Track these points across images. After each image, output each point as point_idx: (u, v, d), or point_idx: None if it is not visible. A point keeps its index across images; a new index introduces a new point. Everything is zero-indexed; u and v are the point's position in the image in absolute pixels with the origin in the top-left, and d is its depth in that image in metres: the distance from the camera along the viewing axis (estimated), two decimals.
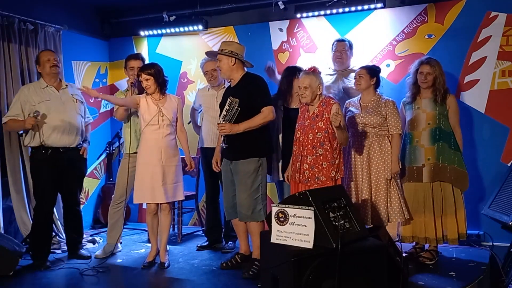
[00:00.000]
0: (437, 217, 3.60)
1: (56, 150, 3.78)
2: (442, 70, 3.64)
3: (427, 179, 3.60)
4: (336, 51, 4.23)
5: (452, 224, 3.59)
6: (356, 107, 3.72)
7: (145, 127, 3.68)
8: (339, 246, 2.62)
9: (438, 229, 3.61)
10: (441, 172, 3.58)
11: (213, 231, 4.32)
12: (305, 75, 3.40)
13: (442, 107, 3.62)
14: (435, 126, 3.60)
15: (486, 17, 4.24)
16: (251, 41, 4.94)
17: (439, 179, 3.59)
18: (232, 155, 3.52)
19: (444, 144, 3.59)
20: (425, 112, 3.64)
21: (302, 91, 3.38)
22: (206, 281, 3.40)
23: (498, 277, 3.57)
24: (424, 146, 3.62)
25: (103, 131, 5.50)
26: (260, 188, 3.49)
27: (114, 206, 4.06)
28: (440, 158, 3.58)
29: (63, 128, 3.80)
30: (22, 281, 3.47)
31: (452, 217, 3.59)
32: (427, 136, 3.61)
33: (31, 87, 3.85)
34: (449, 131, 3.62)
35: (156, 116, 3.67)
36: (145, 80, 3.67)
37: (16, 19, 4.28)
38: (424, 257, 3.64)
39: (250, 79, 3.52)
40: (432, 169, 3.58)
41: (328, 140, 3.32)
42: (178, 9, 5.12)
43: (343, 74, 4.20)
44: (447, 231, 3.61)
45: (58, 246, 4.25)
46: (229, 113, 3.43)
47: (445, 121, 3.62)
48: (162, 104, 3.72)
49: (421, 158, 3.62)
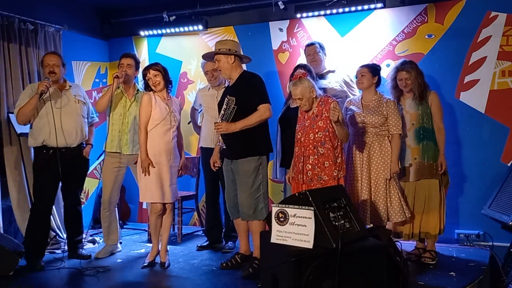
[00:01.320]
0: (417, 213, 3.64)
1: (56, 150, 3.77)
2: (418, 71, 3.66)
3: (414, 178, 3.65)
4: (309, 55, 4.22)
5: (435, 220, 3.62)
6: (357, 106, 3.72)
7: (155, 126, 3.63)
8: (339, 246, 2.62)
9: (416, 225, 3.65)
10: (428, 170, 3.62)
11: (213, 231, 4.32)
12: (293, 86, 3.35)
13: (424, 105, 3.65)
14: (419, 126, 3.65)
15: (486, 17, 4.24)
16: (251, 41, 4.95)
17: (426, 177, 3.63)
18: (232, 155, 3.52)
19: (429, 143, 3.64)
20: (409, 113, 3.69)
21: (298, 102, 3.37)
22: (206, 281, 3.40)
23: (498, 277, 3.57)
24: (410, 146, 3.68)
25: (103, 131, 5.49)
26: (261, 186, 3.49)
27: (105, 208, 4.03)
28: (426, 157, 3.63)
29: (64, 129, 3.79)
30: (22, 281, 3.46)
31: (434, 213, 3.62)
32: (412, 136, 3.66)
33: (34, 86, 3.85)
34: (433, 129, 3.66)
35: (169, 116, 3.67)
36: (153, 76, 3.64)
37: (16, 19, 4.28)
38: (426, 257, 3.65)
39: (247, 77, 3.51)
40: (417, 167, 3.64)
41: (329, 139, 3.31)
42: (178, 9, 5.12)
43: (320, 76, 4.17)
44: (428, 227, 3.63)
45: (58, 246, 4.25)
46: (227, 112, 3.43)
47: (429, 119, 3.66)
48: (170, 104, 3.73)
49: (408, 158, 3.67)
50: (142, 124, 3.64)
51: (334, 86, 4.09)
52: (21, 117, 3.75)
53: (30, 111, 3.71)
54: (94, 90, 5.49)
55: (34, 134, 3.80)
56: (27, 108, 3.69)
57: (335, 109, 3.18)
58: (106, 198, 4.00)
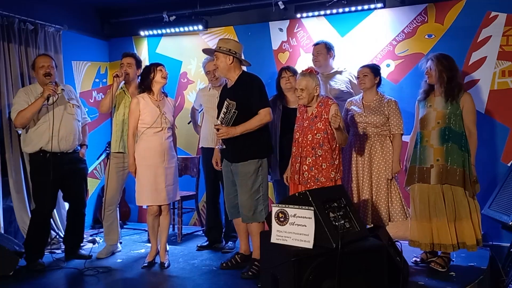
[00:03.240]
0: (450, 221, 3.37)
1: (54, 154, 3.76)
2: (446, 65, 3.41)
3: (435, 181, 3.40)
4: (313, 55, 4.20)
5: (469, 229, 3.36)
6: (358, 106, 3.72)
7: (147, 129, 3.65)
8: (339, 246, 2.62)
9: (453, 235, 3.37)
10: (450, 175, 3.37)
11: (213, 231, 4.32)
12: (302, 76, 3.38)
13: (454, 106, 3.41)
14: (445, 126, 3.40)
15: (486, 17, 4.24)
16: (251, 41, 4.94)
17: (448, 182, 3.37)
18: (232, 157, 3.51)
19: (454, 145, 3.38)
20: (436, 111, 3.46)
21: (298, 93, 3.37)
22: (206, 281, 3.40)
23: (498, 277, 3.57)
24: (433, 146, 3.44)
25: (103, 131, 5.50)
26: (261, 188, 3.48)
27: (107, 208, 4.04)
28: (449, 160, 3.37)
29: (60, 134, 3.76)
30: (22, 281, 3.47)
31: (468, 222, 3.36)
32: (436, 135, 3.43)
33: (27, 90, 3.83)
34: (460, 132, 3.40)
35: (159, 118, 3.66)
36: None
37: (16, 19, 4.28)
38: (436, 263, 3.46)
39: (246, 79, 3.48)
40: (440, 170, 3.39)
41: (327, 141, 3.31)
42: (178, 9, 5.12)
43: (327, 77, 4.15)
44: (464, 236, 3.37)
45: (58, 246, 4.25)
46: (227, 116, 3.40)
47: (457, 121, 3.40)
48: (162, 106, 3.72)
49: (430, 159, 3.44)
50: (129, 129, 3.69)
51: (340, 87, 4.08)
52: (21, 120, 3.67)
53: (32, 114, 3.65)
54: (94, 90, 5.49)
55: (33, 140, 3.75)
56: (30, 112, 3.63)
57: (337, 116, 3.14)
58: (110, 197, 4.01)
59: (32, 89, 3.84)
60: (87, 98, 5.37)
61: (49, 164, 3.72)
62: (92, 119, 5.39)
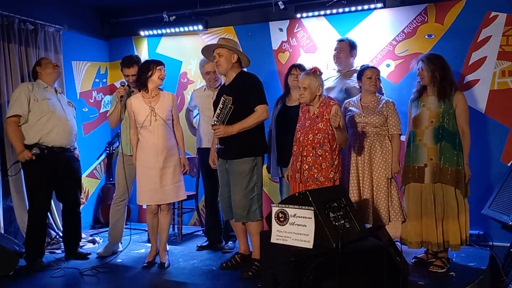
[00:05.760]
0: (438, 220, 3.41)
1: (51, 150, 3.76)
2: (438, 65, 3.42)
3: (429, 180, 3.42)
4: (335, 50, 4.21)
5: (455, 229, 3.39)
6: (356, 106, 3.72)
7: (140, 128, 3.66)
8: (339, 246, 2.62)
9: (439, 233, 3.40)
10: (442, 174, 3.39)
11: (213, 231, 4.32)
12: (305, 75, 3.40)
13: (447, 104, 3.42)
14: (438, 125, 3.42)
15: (486, 17, 4.23)
16: (251, 41, 4.95)
17: (440, 180, 3.40)
18: (227, 155, 3.50)
19: (447, 144, 3.40)
20: (429, 110, 3.47)
21: (301, 91, 3.38)
22: (206, 281, 3.40)
23: (498, 277, 3.57)
24: (426, 145, 3.45)
25: (103, 131, 5.50)
26: (255, 188, 3.47)
27: (116, 204, 4.09)
28: (442, 159, 3.40)
29: (62, 128, 3.81)
30: (22, 281, 3.47)
31: (454, 221, 3.39)
32: (430, 134, 3.43)
33: (30, 85, 3.84)
34: (454, 131, 3.42)
35: (149, 116, 3.63)
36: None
37: (16, 19, 4.28)
38: (435, 265, 3.46)
39: (244, 77, 3.49)
40: (434, 169, 3.40)
41: (327, 141, 3.32)
42: (178, 9, 5.12)
43: (346, 75, 4.16)
44: (448, 236, 3.40)
45: (58, 246, 4.25)
46: (223, 112, 3.39)
47: (450, 120, 3.42)
48: (154, 103, 3.67)
49: (423, 158, 3.44)
50: (130, 129, 3.76)
51: (357, 85, 4.07)
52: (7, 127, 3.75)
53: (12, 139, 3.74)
54: (94, 90, 5.49)
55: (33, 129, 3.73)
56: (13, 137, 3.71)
57: (337, 115, 3.15)
58: (120, 194, 4.06)
59: (35, 85, 3.85)
60: (87, 98, 5.37)
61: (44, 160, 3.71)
62: (92, 119, 5.39)
